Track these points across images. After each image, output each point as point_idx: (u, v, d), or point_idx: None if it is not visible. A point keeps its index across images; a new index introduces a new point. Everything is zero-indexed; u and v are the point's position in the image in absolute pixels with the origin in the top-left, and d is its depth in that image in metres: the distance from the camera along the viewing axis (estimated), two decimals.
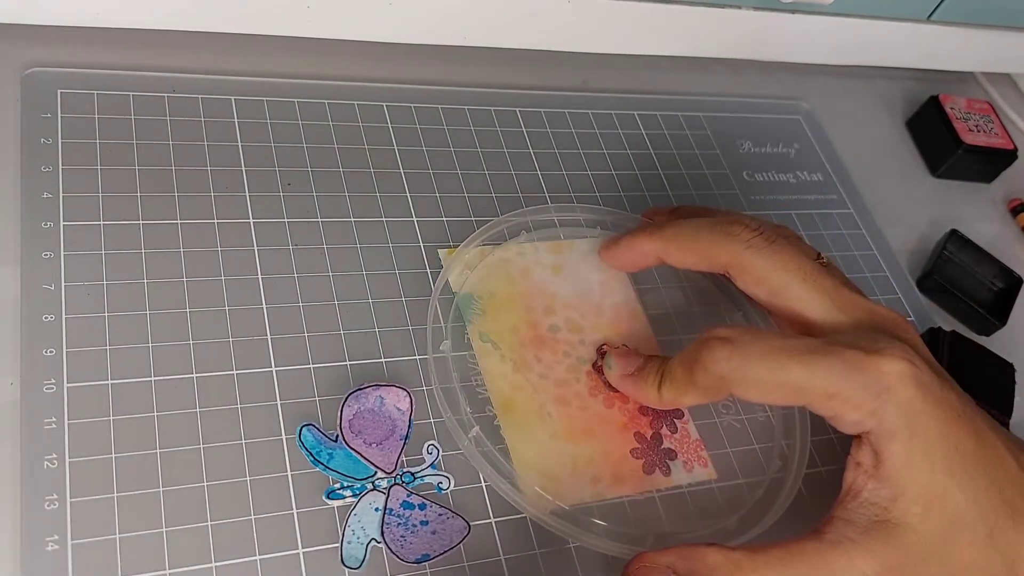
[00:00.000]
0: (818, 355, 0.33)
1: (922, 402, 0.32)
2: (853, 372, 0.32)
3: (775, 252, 0.37)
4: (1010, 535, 0.32)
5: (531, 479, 0.37)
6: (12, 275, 0.36)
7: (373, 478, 0.35)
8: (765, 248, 0.37)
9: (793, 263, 0.37)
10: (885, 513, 0.32)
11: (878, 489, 0.32)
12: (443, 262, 0.41)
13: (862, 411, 0.32)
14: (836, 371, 0.32)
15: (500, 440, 0.37)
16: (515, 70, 0.51)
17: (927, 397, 0.32)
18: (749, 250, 0.37)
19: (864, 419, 0.32)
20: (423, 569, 0.34)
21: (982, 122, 0.59)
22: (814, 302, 0.36)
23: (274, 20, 0.43)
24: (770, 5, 0.50)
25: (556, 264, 0.43)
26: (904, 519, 0.32)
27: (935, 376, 0.33)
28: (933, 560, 0.32)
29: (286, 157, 0.43)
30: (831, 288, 0.36)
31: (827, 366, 0.32)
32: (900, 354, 0.32)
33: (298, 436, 0.34)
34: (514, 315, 0.41)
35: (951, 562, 0.32)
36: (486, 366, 0.39)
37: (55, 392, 0.33)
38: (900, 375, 0.32)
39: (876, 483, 0.32)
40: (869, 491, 0.32)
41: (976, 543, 0.32)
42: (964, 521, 0.32)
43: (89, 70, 0.42)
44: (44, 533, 0.31)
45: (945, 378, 0.34)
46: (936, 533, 0.32)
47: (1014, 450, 0.34)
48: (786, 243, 0.38)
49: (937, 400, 0.32)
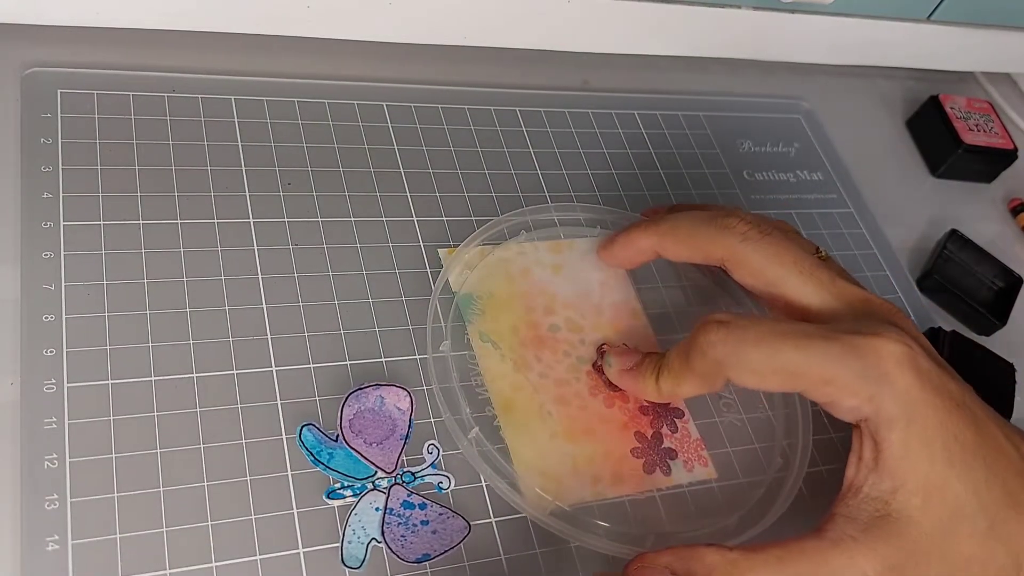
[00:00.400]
0: (815, 339, 0.32)
1: (920, 390, 0.32)
2: (850, 357, 0.32)
3: (771, 245, 0.37)
4: (1012, 526, 0.32)
5: (531, 479, 0.37)
6: (12, 275, 0.36)
7: (373, 478, 0.35)
8: (760, 241, 0.37)
9: (789, 256, 0.37)
10: (886, 507, 0.32)
11: (878, 483, 0.32)
12: (443, 262, 0.41)
13: (859, 397, 0.32)
14: (833, 355, 0.32)
15: (500, 440, 0.37)
16: (515, 70, 0.51)
17: (925, 385, 0.32)
18: (745, 243, 0.37)
19: (861, 405, 0.32)
20: (423, 569, 0.34)
21: (982, 122, 0.59)
22: (811, 294, 0.36)
23: (274, 20, 0.43)
24: (770, 5, 0.50)
25: (556, 263, 0.43)
26: (904, 511, 0.31)
27: (933, 363, 0.33)
28: (934, 555, 0.31)
29: (286, 157, 0.43)
30: (827, 280, 0.36)
31: (824, 350, 0.32)
32: (897, 337, 0.32)
33: (298, 436, 0.34)
34: (514, 315, 0.41)
35: (952, 556, 0.31)
36: (486, 366, 0.39)
37: (55, 392, 0.33)
38: (898, 360, 0.32)
39: (876, 477, 0.32)
40: (869, 486, 0.32)
41: (976, 535, 0.31)
42: (964, 513, 0.31)
43: (89, 70, 0.42)
44: (44, 533, 0.31)
45: (944, 366, 0.34)
46: (936, 526, 0.31)
47: (1015, 440, 0.33)
48: (783, 236, 0.38)
49: (936, 388, 0.32)
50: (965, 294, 0.51)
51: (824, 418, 0.42)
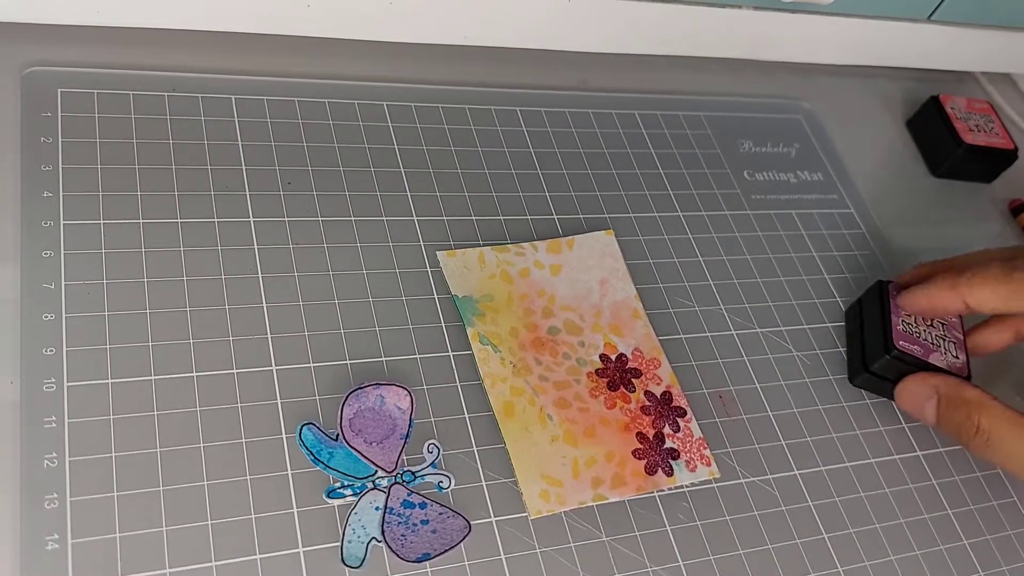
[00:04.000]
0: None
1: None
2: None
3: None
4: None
5: (532, 482, 0.36)
6: (12, 274, 0.36)
7: (374, 477, 0.35)
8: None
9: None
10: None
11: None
12: (442, 263, 0.41)
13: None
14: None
15: (500, 442, 0.37)
16: (515, 70, 0.51)
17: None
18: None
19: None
20: (423, 569, 0.34)
21: (982, 122, 0.59)
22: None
23: (274, 19, 0.43)
24: (770, 5, 0.50)
25: (555, 264, 0.43)
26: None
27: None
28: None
29: (286, 156, 0.43)
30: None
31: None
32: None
33: (298, 435, 0.34)
34: (513, 317, 0.41)
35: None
36: (486, 370, 0.39)
37: (55, 391, 0.33)
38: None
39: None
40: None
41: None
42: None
43: (89, 69, 0.42)
44: (44, 532, 0.31)
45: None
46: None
47: None
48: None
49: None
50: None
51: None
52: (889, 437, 0.44)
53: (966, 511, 0.43)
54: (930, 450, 0.44)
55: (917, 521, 0.41)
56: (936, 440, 0.45)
